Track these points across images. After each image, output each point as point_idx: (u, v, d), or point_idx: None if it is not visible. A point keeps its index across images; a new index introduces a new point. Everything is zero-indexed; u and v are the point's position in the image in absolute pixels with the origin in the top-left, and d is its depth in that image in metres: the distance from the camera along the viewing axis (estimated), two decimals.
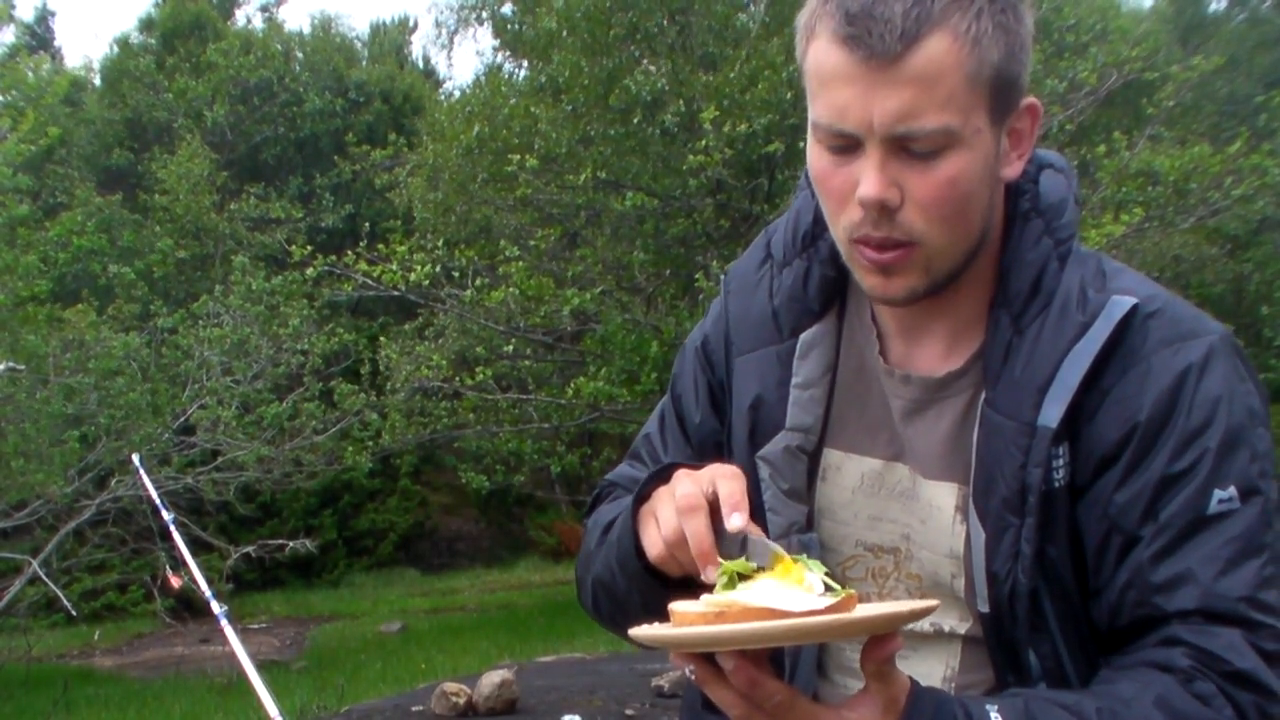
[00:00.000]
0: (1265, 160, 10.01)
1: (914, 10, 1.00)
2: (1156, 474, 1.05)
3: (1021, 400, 1.08)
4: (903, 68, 1.00)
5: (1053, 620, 1.08)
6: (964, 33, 1.01)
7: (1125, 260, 11.99)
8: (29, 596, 10.21)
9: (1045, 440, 1.06)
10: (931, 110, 1.01)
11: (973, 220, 1.08)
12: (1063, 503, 1.07)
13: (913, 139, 1.02)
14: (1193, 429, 1.05)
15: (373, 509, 17.58)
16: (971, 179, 1.05)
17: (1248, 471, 1.05)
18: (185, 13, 20.96)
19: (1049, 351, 1.08)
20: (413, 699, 7.05)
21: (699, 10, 11.19)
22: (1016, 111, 1.08)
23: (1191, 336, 1.09)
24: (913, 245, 1.06)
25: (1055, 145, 10.52)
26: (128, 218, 16.52)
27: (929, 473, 1.15)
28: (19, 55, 15.51)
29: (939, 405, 1.16)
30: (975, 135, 1.04)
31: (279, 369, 11.29)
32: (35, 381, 9.82)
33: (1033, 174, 1.16)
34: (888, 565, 1.19)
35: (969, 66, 1.02)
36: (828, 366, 1.22)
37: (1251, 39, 18.91)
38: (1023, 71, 1.07)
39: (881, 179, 1.03)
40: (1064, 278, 1.11)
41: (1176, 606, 1.02)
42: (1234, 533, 1.03)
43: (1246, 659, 0.99)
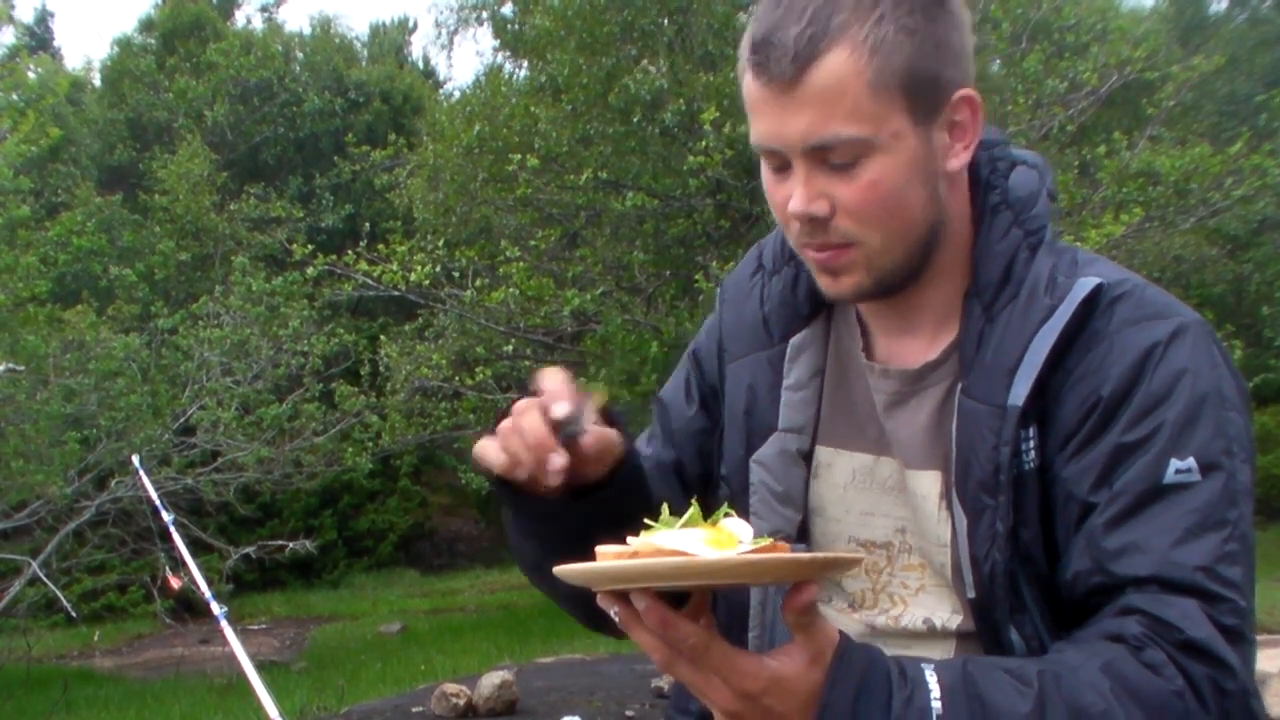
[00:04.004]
0: (1266, 160, 10.01)
1: (808, 30, 1.04)
2: (1111, 443, 1.06)
3: (993, 384, 1.10)
4: (803, 88, 1.05)
5: (1031, 602, 1.09)
6: (862, 43, 1.04)
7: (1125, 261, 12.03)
8: (29, 597, 10.21)
9: (1014, 419, 1.08)
10: (838, 124, 1.05)
11: (909, 218, 1.10)
12: (1033, 485, 1.08)
13: (828, 151, 1.06)
14: (1151, 401, 1.06)
15: (373, 510, 17.58)
16: (896, 181, 1.08)
17: (1210, 446, 1.04)
18: (185, 13, 20.96)
19: (1017, 334, 1.11)
20: (413, 700, 7.04)
21: (698, 10, 11.18)
22: (948, 105, 1.10)
23: (1159, 317, 1.10)
24: (850, 246, 1.11)
25: (1056, 145, 10.53)
26: (128, 218, 16.52)
27: (912, 463, 1.17)
28: (19, 56, 15.50)
29: (918, 396, 1.18)
30: (894, 139, 1.07)
31: (279, 370, 11.29)
32: (35, 382, 9.82)
33: (1004, 170, 1.19)
34: (880, 560, 1.21)
35: (870, 76, 1.04)
36: (817, 367, 1.26)
37: (1251, 39, 18.91)
38: (944, 67, 1.09)
39: (806, 193, 1.08)
40: (1034, 265, 1.13)
41: (1131, 573, 1.01)
42: (1193, 504, 1.02)
43: (1200, 629, 0.97)
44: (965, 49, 1.12)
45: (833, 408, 1.24)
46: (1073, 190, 9.48)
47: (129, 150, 18.99)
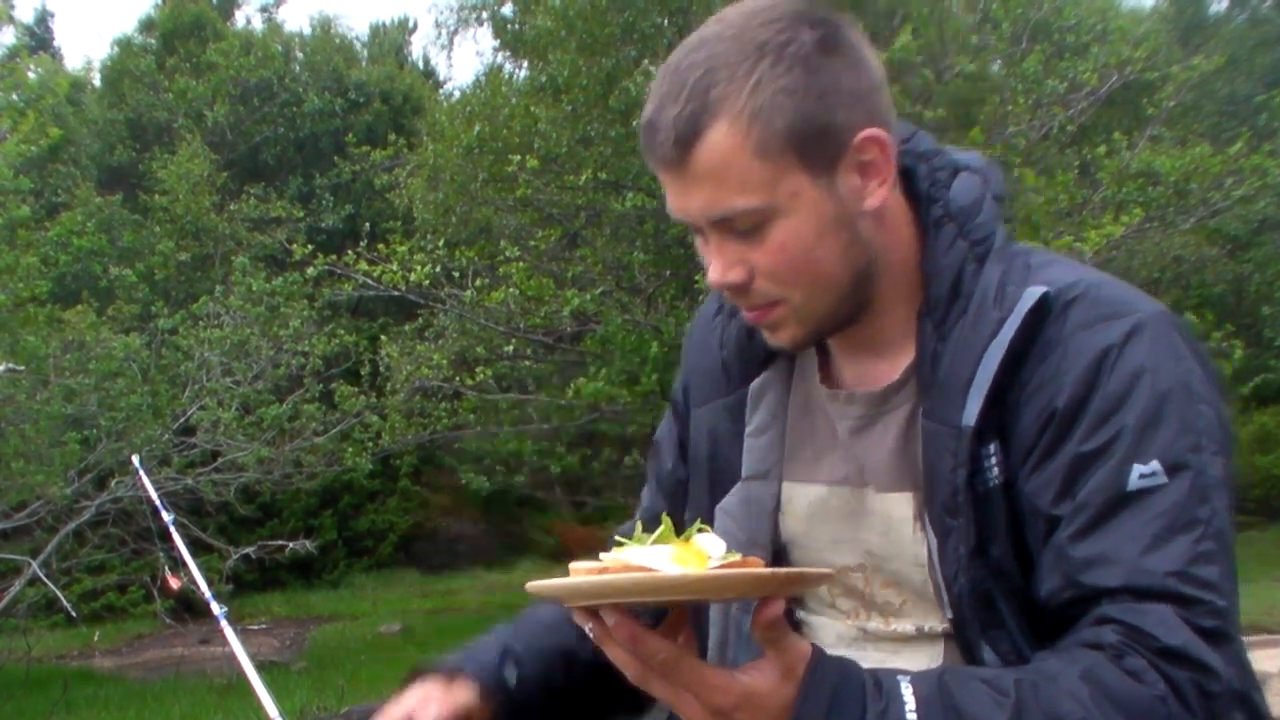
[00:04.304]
0: (1266, 161, 10.01)
1: (686, 110, 1.04)
2: (1070, 454, 1.03)
3: (949, 404, 1.09)
4: (690, 168, 1.06)
5: (1009, 619, 1.07)
6: (740, 114, 1.04)
7: (1125, 261, 12.05)
8: (29, 597, 10.21)
9: (968, 439, 1.07)
10: (731, 198, 1.06)
11: (828, 270, 1.10)
12: (1000, 501, 1.07)
13: (730, 223, 1.07)
14: (1108, 406, 1.03)
15: (373, 510, 17.57)
16: (805, 239, 1.08)
17: (1175, 445, 1.02)
18: (185, 13, 20.95)
19: (969, 351, 1.09)
20: None
21: (698, 11, 11.18)
22: (849, 150, 1.08)
23: (1114, 316, 1.07)
24: (776, 304, 1.12)
25: (1056, 145, 10.54)
26: (128, 218, 16.51)
27: (883, 485, 1.17)
28: (19, 56, 15.50)
29: (884, 419, 1.17)
30: (793, 199, 1.06)
31: (279, 370, 11.29)
32: (35, 382, 9.82)
33: (945, 180, 1.17)
34: (858, 582, 1.20)
35: (753, 145, 1.04)
36: (780, 407, 1.24)
37: (1252, 39, 18.91)
38: (835, 115, 1.07)
39: (720, 264, 1.11)
40: (983, 276, 1.12)
41: (1102, 584, 0.99)
42: (1160, 508, 1.00)
43: (1177, 635, 0.95)
44: (863, 88, 1.09)
45: (795, 441, 1.24)
46: (1073, 190, 9.47)
47: (129, 150, 18.97)
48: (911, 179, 1.17)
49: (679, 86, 1.06)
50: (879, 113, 1.10)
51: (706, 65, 1.05)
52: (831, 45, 1.07)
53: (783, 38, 1.06)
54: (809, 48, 1.06)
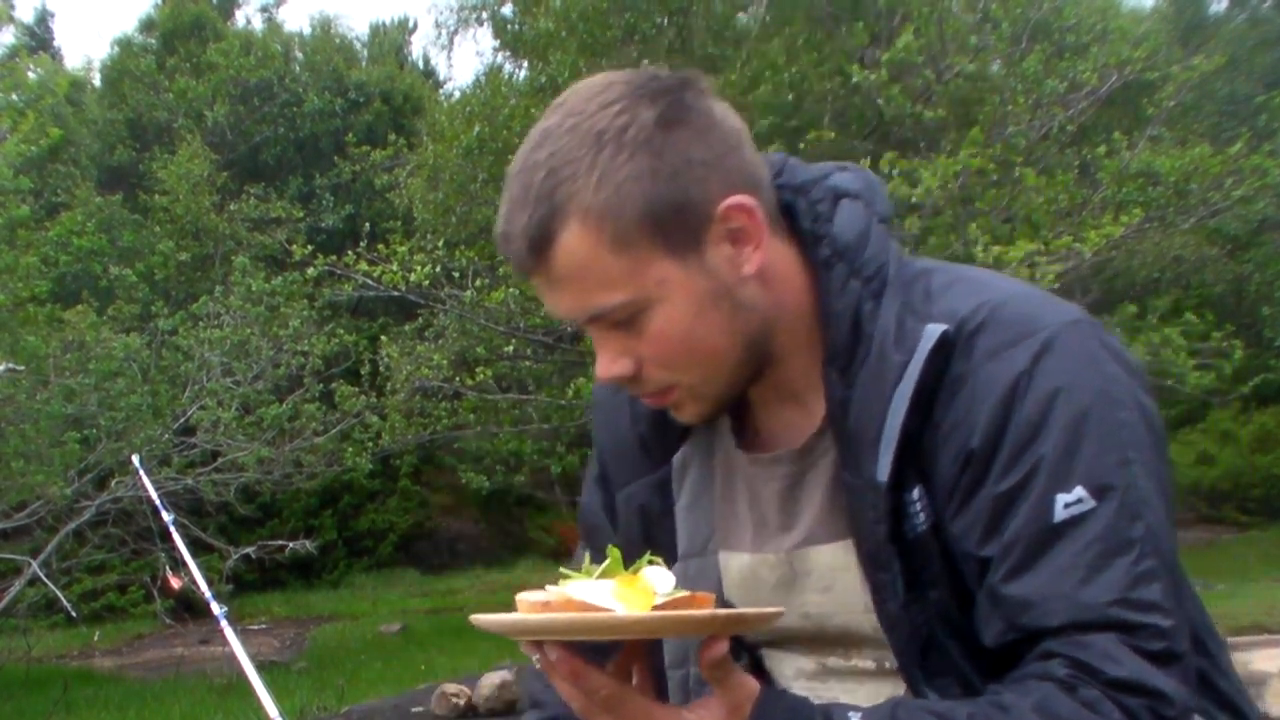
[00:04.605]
0: (1266, 161, 10.00)
1: (535, 215, 1.01)
2: (990, 494, 1.00)
3: (863, 457, 1.05)
4: (548, 273, 1.03)
5: (960, 660, 1.05)
6: (589, 211, 1.00)
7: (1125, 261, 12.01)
8: (29, 597, 10.21)
9: (884, 495, 1.03)
10: (596, 297, 1.03)
11: (713, 346, 1.06)
12: (931, 545, 1.04)
13: (602, 320, 1.05)
14: (1024, 439, 0.99)
15: (373, 510, 17.57)
16: (683, 322, 1.04)
17: (1099, 465, 0.98)
18: (185, 13, 20.96)
19: (875, 401, 1.05)
20: (413, 699, 7.05)
21: (699, 11, 11.19)
22: (713, 223, 1.04)
23: (1021, 339, 1.02)
24: (672, 388, 1.09)
25: (1056, 145, 10.54)
26: (128, 218, 16.52)
27: (822, 537, 1.13)
28: (19, 56, 15.50)
29: (813, 471, 1.14)
30: (662, 285, 1.03)
31: (279, 370, 11.28)
32: (35, 382, 9.81)
33: (827, 213, 1.12)
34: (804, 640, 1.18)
35: (608, 241, 1.00)
36: (706, 479, 1.21)
37: (1251, 39, 18.90)
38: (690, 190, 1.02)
39: (605, 359, 1.07)
40: (881, 315, 1.07)
41: (1042, 624, 0.96)
42: (1091, 535, 0.96)
43: (1123, 666, 0.93)
44: (716, 155, 1.04)
45: (723, 511, 1.21)
46: (1073, 190, 9.47)
47: (129, 150, 18.98)
48: (793, 216, 1.13)
49: (525, 191, 1.02)
50: (740, 174, 1.05)
51: (548, 165, 1.01)
52: (674, 118, 1.02)
53: (621, 121, 1.01)
54: (650, 127, 1.01)
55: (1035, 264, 8.30)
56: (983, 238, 8.39)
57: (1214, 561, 11.67)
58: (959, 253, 8.91)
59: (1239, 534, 14.46)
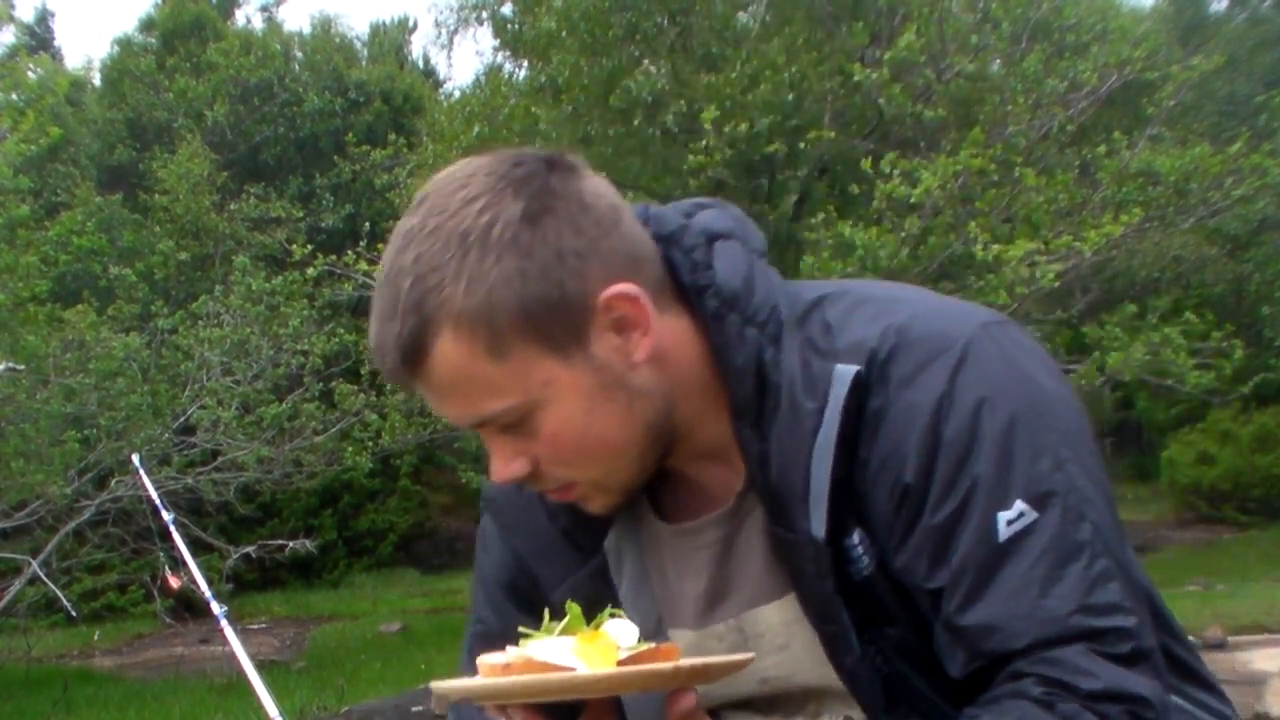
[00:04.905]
0: (1266, 160, 10.00)
1: (406, 327, 0.95)
2: (930, 525, 0.97)
3: (792, 511, 1.02)
4: (429, 384, 0.98)
5: (928, 692, 1.02)
6: (460, 319, 0.94)
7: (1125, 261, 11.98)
8: (29, 597, 10.21)
9: (823, 549, 1.00)
10: (480, 404, 0.97)
11: (614, 438, 1.01)
12: (882, 584, 1.00)
13: (492, 424, 0.99)
14: (955, 462, 0.96)
15: (373, 509, 17.58)
16: (573, 420, 0.99)
17: (1034, 474, 0.95)
18: (185, 13, 20.96)
19: (794, 455, 1.01)
20: (413, 699, 7.06)
21: (699, 11, 11.19)
22: (594, 315, 0.98)
23: (934, 357, 0.99)
24: (574, 484, 1.04)
25: (1056, 145, 10.53)
26: (128, 218, 16.52)
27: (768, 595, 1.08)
28: (19, 56, 15.50)
29: (744, 530, 1.09)
30: (548, 387, 0.97)
31: (279, 369, 11.28)
32: (35, 382, 9.81)
33: (704, 260, 1.06)
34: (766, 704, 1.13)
35: (483, 348, 0.95)
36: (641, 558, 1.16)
37: (1251, 39, 18.90)
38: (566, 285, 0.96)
39: (500, 461, 1.02)
40: (783, 360, 1.02)
41: (1006, 648, 0.93)
42: (1039, 548, 0.94)
43: (1096, 679, 0.90)
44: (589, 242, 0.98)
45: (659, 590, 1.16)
46: (1073, 190, 9.47)
47: (129, 150, 18.98)
48: (671, 268, 1.06)
49: (393, 301, 0.96)
50: (619, 257, 1.00)
51: (414, 272, 0.95)
52: (541, 209, 0.97)
53: (485, 219, 0.95)
54: (516, 223, 0.95)
55: (1035, 263, 8.30)
56: (983, 236, 8.39)
57: (1214, 561, 11.66)
58: (959, 252, 8.91)
59: (1239, 534, 14.45)
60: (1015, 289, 8.37)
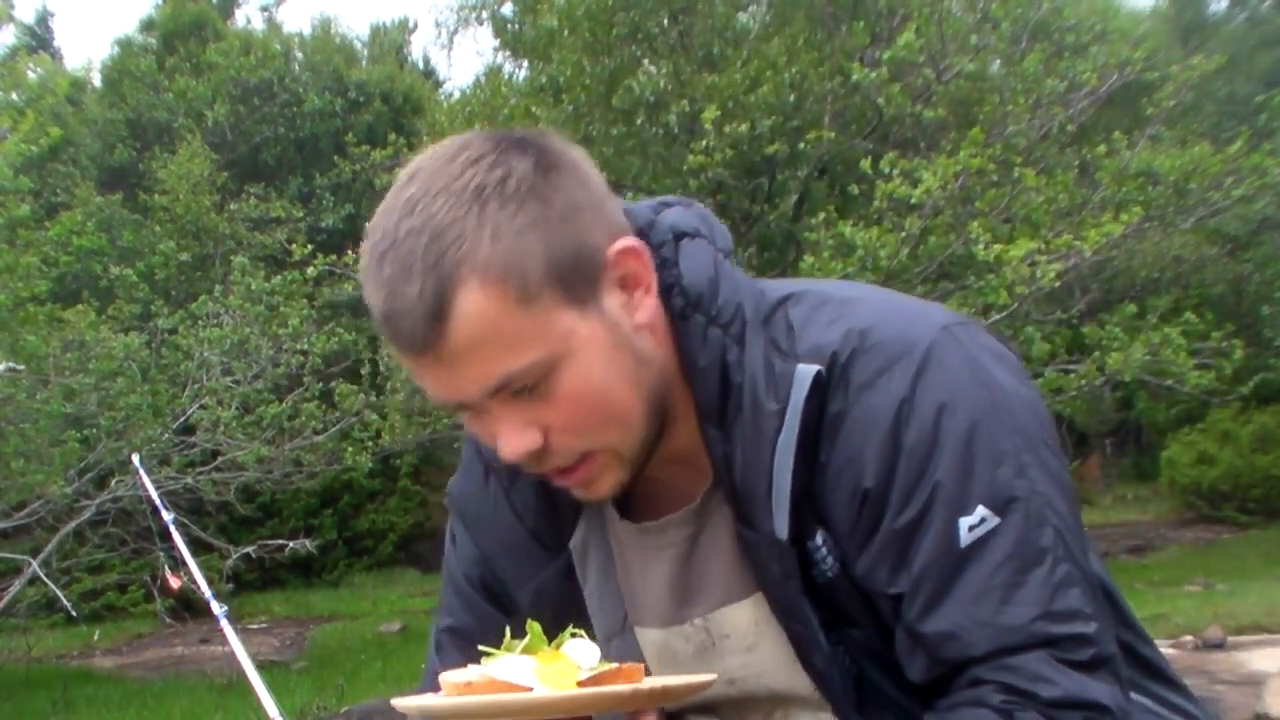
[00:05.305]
0: (1265, 160, 9.99)
1: (427, 285, 0.92)
2: (890, 530, 0.97)
3: (757, 511, 1.01)
4: (451, 346, 0.93)
5: (892, 692, 1.01)
6: (487, 270, 0.92)
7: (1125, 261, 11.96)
8: (29, 597, 10.20)
9: (787, 549, 1.00)
10: (505, 361, 0.94)
11: (627, 400, 1.00)
12: (844, 587, 1.00)
13: (511, 386, 0.96)
14: (916, 467, 0.96)
15: (373, 509, 17.58)
16: (593, 375, 0.97)
17: (996, 480, 0.95)
18: (185, 13, 20.96)
19: (756, 455, 1.01)
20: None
21: (701, 11, 11.18)
22: (607, 267, 0.99)
23: (894, 362, 0.98)
24: (589, 456, 1.01)
25: (1056, 145, 10.53)
26: (128, 218, 16.52)
27: (734, 595, 1.08)
28: (19, 56, 15.50)
29: (710, 528, 1.09)
30: (569, 339, 0.96)
31: (279, 369, 11.28)
32: (35, 382, 9.82)
33: (671, 257, 1.05)
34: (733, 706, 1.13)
35: (513, 297, 0.93)
36: (607, 556, 1.15)
37: (1251, 39, 18.89)
38: (581, 237, 0.96)
39: (512, 434, 0.98)
40: (747, 361, 1.02)
41: (966, 655, 0.93)
42: (1001, 555, 0.93)
43: (1056, 686, 0.90)
44: (596, 199, 0.99)
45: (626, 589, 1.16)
46: (1073, 190, 9.47)
47: (129, 150, 18.98)
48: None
49: (407, 263, 0.93)
50: (617, 221, 1.01)
51: (429, 230, 0.92)
52: (549, 164, 0.97)
53: (497, 174, 0.94)
54: (530, 175, 0.95)
55: (1036, 263, 8.29)
56: (983, 235, 8.39)
57: (1214, 561, 11.66)
58: (959, 252, 8.91)
59: (1239, 534, 14.44)
60: (1015, 289, 8.37)
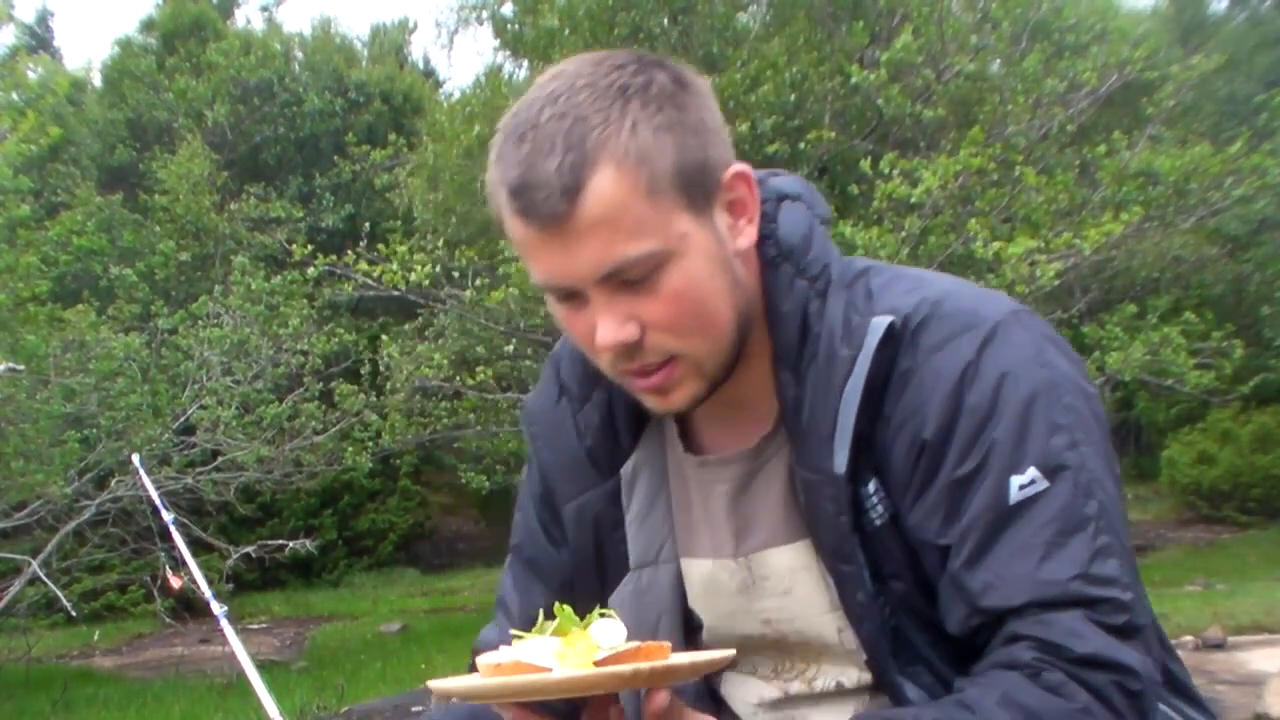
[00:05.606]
0: (1265, 160, 9.99)
1: (567, 160, 0.98)
2: (947, 480, 1.01)
3: (819, 452, 1.06)
4: (579, 221, 0.99)
5: (925, 649, 1.05)
6: (625, 156, 0.99)
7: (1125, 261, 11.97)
8: (29, 597, 10.20)
9: (844, 486, 1.04)
10: (626, 244, 1.00)
11: (721, 313, 1.06)
12: (891, 538, 1.04)
13: (623, 274, 1.01)
14: (975, 424, 1.01)
15: (373, 509, 17.58)
16: (699, 281, 1.03)
17: (1050, 447, 0.99)
18: (185, 13, 20.97)
19: (826, 396, 1.06)
20: (413, 699, 7.05)
21: (701, 11, 11.19)
22: (723, 186, 1.06)
23: (964, 330, 1.04)
24: (674, 360, 1.06)
25: (1056, 145, 10.53)
26: (128, 218, 16.51)
27: (779, 539, 1.13)
28: (19, 56, 15.49)
29: (764, 471, 1.14)
30: (684, 240, 1.02)
31: (279, 369, 11.29)
32: (35, 382, 9.82)
33: (772, 213, 1.13)
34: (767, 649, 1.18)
35: (643, 186, 0.99)
36: (659, 486, 1.20)
37: (1252, 39, 18.89)
38: (707, 152, 1.04)
39: (612, 323, 1.03)
40: (827, 313, 1.08)
41: (1005, 605, 0.97)
42: (1047, 516, 0.98)
43: (1089, 642, 0.94)
44: (719, 124, 1.07)
45: (681, 519, 1.20)
46: (1073, 190, 9.47)
47: (129, 150, 18.98)
48: None
49: (548, 140, 0.99)
50: (731, 151, 1.08)
51: (574, 115, 0.99)
52: (686, 84, 1.04)
53: (640, 79, 1.02)
54: (670, 86, 1.03)
55: (1035, 262, 8.29)
56: (982, 233, 8.39)
57: (1214, 561, 11.66)
58: (959, 251, 8.91)
59: (1239, 534, 14.44)
60: (1015, 288, 8.37)
